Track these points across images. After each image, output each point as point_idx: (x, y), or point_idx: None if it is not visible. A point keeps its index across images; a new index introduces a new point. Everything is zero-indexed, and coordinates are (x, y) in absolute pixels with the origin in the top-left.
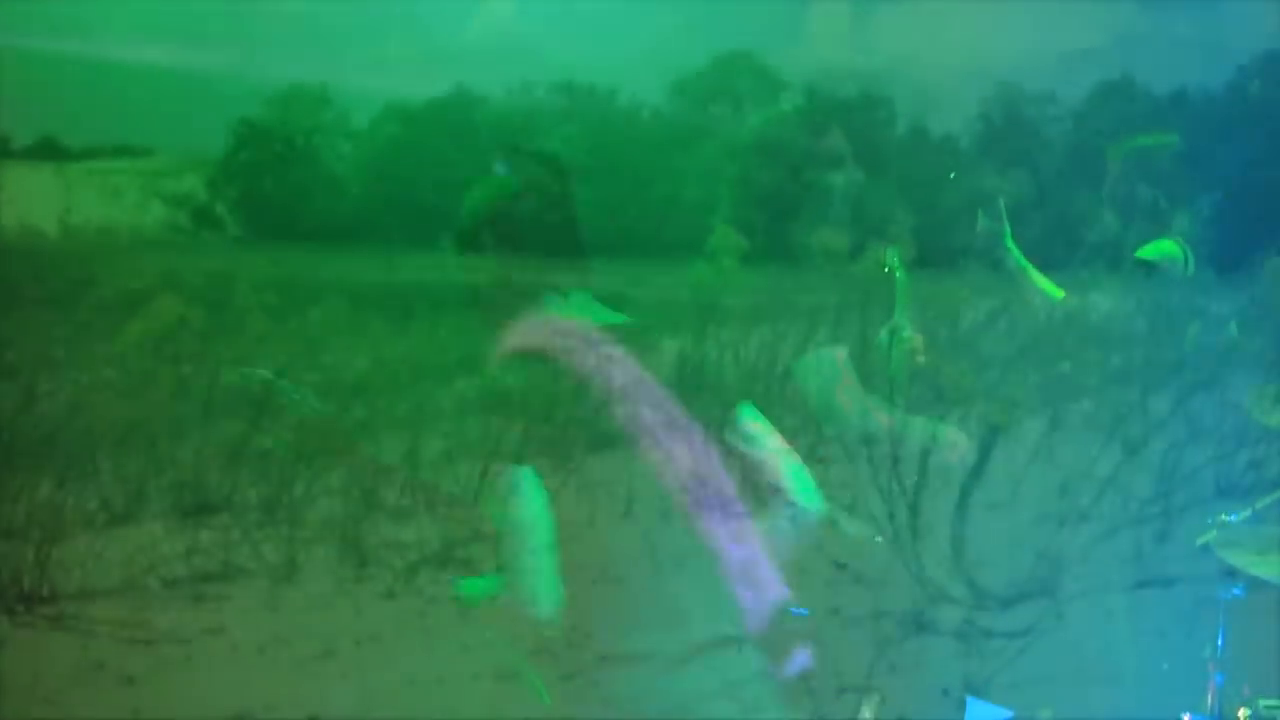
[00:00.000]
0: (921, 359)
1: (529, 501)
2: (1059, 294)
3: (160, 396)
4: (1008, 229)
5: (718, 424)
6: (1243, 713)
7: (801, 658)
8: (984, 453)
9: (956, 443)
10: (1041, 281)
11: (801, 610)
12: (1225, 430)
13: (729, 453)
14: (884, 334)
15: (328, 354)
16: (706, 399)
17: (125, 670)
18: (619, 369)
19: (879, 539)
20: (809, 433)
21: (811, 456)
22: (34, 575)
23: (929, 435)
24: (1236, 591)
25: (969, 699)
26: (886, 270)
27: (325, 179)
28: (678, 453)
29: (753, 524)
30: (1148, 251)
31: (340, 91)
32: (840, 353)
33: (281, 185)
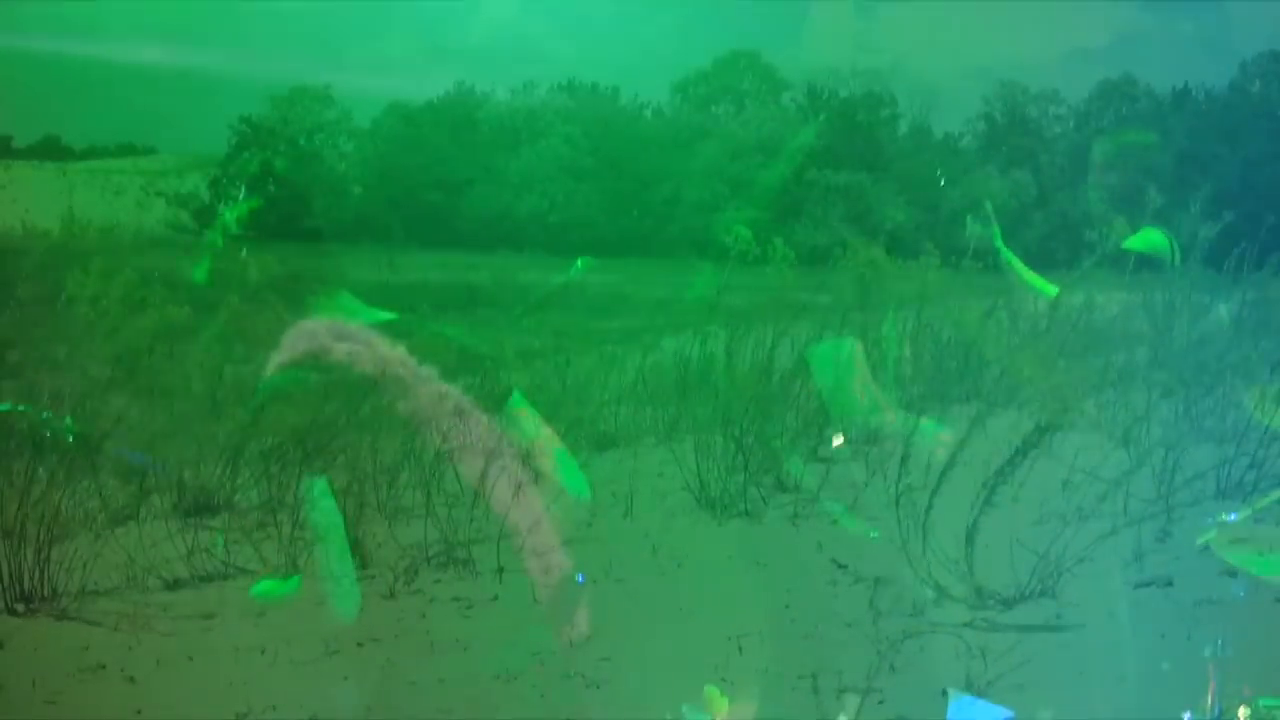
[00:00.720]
0: (908, 366)
1: (324, 510)
2: (1052, 291)
3: (161, 396)
4: (997, 230)
5: (722, 423)
6: (1243, 713)
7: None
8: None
9: (946, 439)
10: (1033, 279)
11: (581, 577)
12: (1227, 430)
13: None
14: (887, 328)
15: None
16: (708, 398)
17: (126, 670)
18: (390, 361)
19: (874, 535)
20: (811, 434)
21: (813, 456)
22: (34, 575)
23: (928, 433)
24: (1237, 592)
25: (953, 697)
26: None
27: (327, 178)
28: (462, 435)
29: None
30: (1134, 242)
31: (343, 91)
32: (857, 343)
33: (284, 184)
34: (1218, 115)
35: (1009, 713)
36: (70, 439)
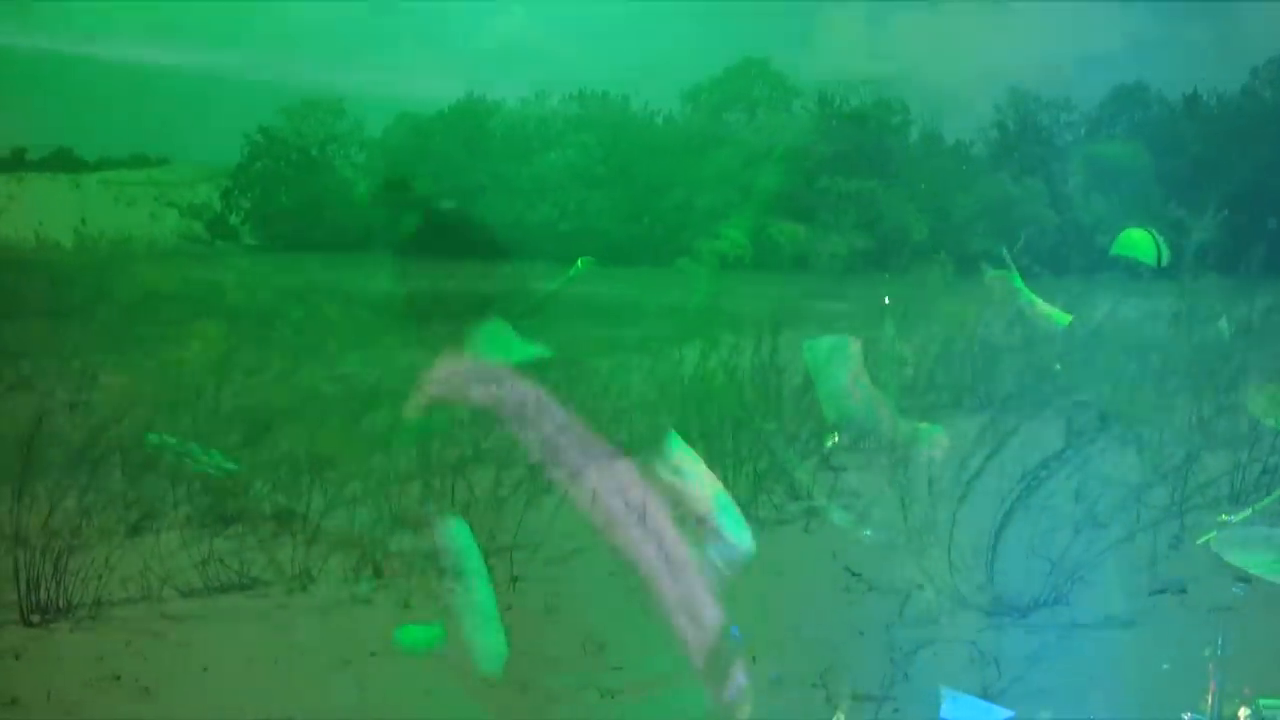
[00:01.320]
0: (910, 370)
1: (466, 555)
2: (1065, 320)
3: (175, 406)
4: (1017, 275)
5: (729, 431)
6: (1243, 713)
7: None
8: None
9: (942, 442)
10: (1049, 311)
11: (735, 631)
12: (1240, 436)
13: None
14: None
15: (343, 363)
16: (715, 406)
17: (141, 681)
18: (537, 403)
19: (867, 532)
20: (820, 441)
21: (824, 464)
22: (51, 586)
23: (931, 438)
24: (1236, 590)
25: (948, 697)
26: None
27: (339, 188)
28: (605, 482)
29: (687, 552)
30: (1119, 247)
31: (354, 99)
32: (856, 342)
33: (296, 194)
34: (1230, 121)
35: (1010, 713)
36: (217, 473)
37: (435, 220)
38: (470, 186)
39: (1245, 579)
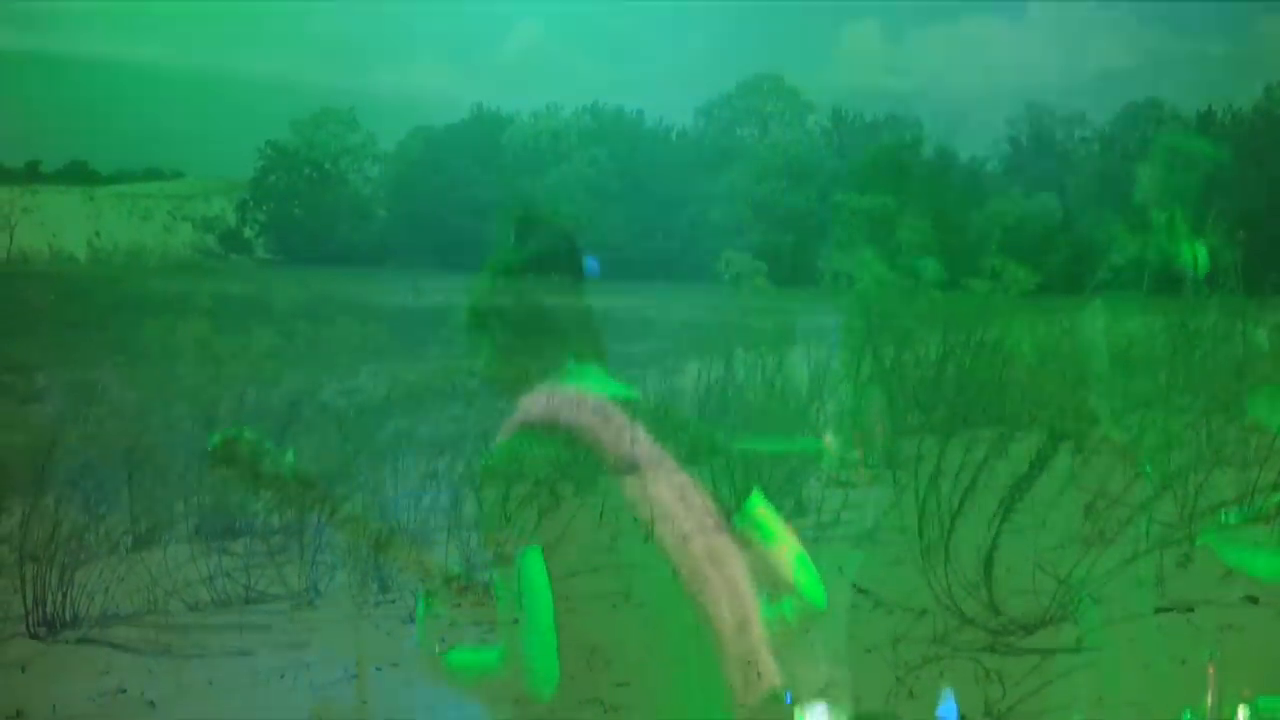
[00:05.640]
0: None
1: (534, 582)
2: None
3: (186, 419)
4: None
5: (741, 449)
6: (1242, 713)
7: None
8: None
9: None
10: None
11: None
12: (1250, 455)
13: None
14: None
15: (353, 377)
16: (730, 423)
17: (147, 694)
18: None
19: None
20: (830, 456)
21: (834, 481)
22: (57, 599)
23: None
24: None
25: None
26: None
27: (352, 202)
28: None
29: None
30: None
31: (368, 113)
32: None
33: (309, 208)
34: (1244, 138)
35: None
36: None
37: (448, 234)
38: (483, 200)
39: (1255, 600)
